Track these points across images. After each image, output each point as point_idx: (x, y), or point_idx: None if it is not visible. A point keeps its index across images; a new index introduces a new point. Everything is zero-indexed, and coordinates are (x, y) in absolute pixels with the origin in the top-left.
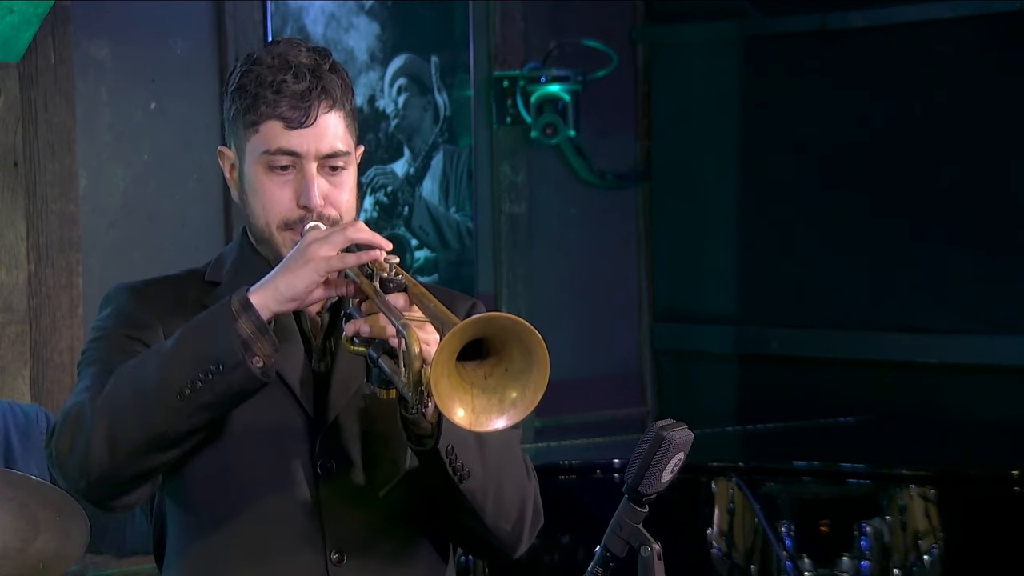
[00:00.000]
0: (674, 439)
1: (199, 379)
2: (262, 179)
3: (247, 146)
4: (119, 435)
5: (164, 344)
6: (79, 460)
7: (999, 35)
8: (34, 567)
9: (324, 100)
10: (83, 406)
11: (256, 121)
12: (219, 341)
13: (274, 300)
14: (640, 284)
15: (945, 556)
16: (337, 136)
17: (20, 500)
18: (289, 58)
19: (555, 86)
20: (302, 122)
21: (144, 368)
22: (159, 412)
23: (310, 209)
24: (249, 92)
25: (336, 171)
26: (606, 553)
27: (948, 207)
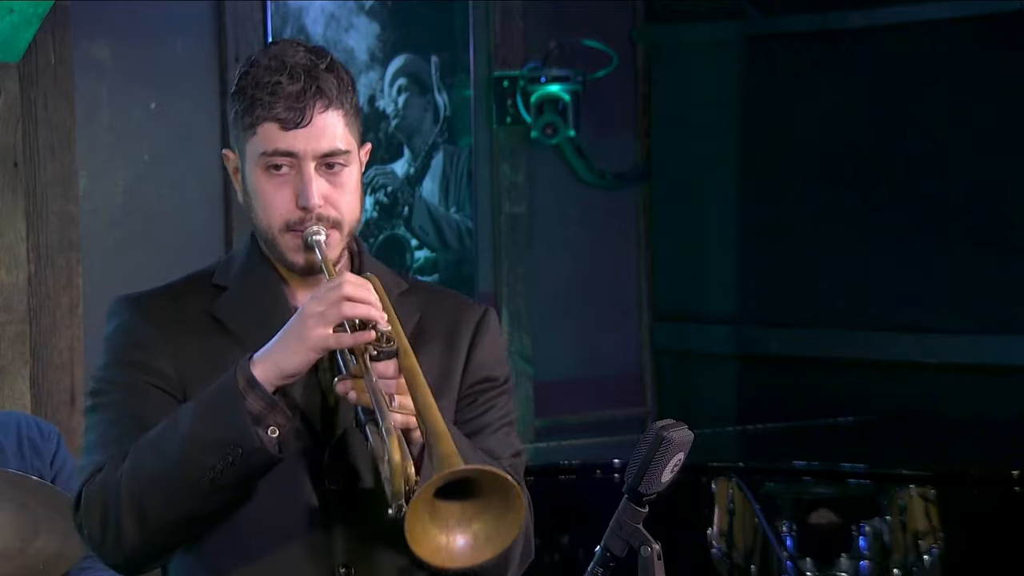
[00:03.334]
0: (674, 439)
1: (219, 464)
2: (262, 181)
3: (247, 148)
4: (149, 519)
5: (181, 423)
6: (112, 543)
7: (999, 35)
8: (34, 567)
9: (320, 100)
10: (106, 487)
11: (253, 123)
12: (233, 426)
13: (275, 376)
14: (640, 284)
15: (945, 556)
16: (335, 135)
17: (20, 500)
18: (285, 59)
19: (555, 86)
20: (297, 122)
21: (163, 451)
22: (185, 497)
23: (309, 210)
24: (246, 94)
25: (335, 170)
26: (606, 553)
27: (948, 207)
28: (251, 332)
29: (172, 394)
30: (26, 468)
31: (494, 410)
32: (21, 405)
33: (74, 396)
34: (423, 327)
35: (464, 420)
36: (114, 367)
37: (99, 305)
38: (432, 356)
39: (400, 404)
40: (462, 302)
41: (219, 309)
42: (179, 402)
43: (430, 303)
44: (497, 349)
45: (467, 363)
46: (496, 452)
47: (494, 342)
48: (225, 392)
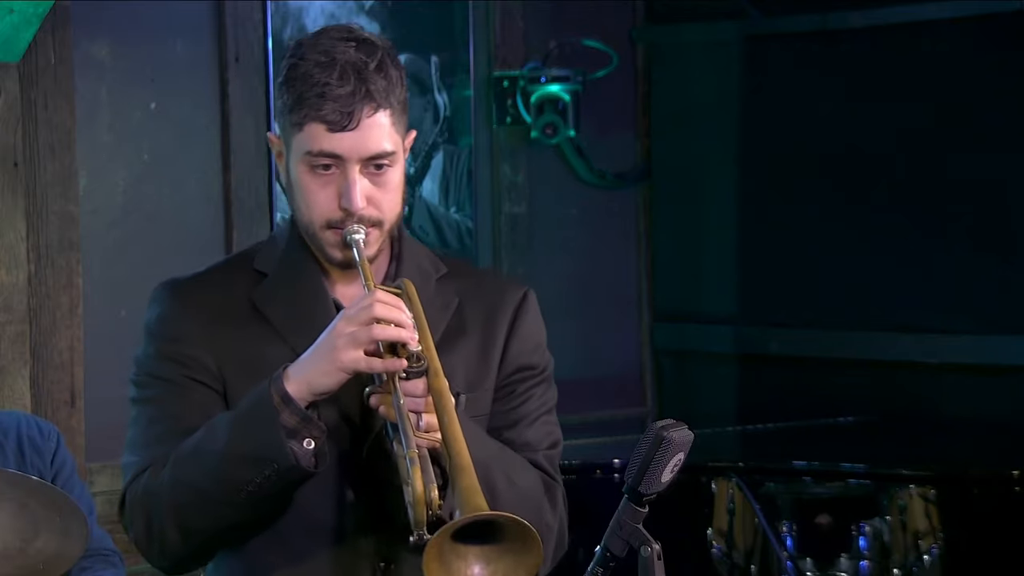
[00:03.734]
0: (674, 439)
1: (256, 479)
2: (305, 178)
3: (292, 142)
4: (191, 527)
5: (218, 435)
6: (157, 549)
7: (999, 35)
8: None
9: (368, 103)
10: (148, 494)
11: (300, 121)
12: (268, 442)
13: (308, 393)
14: (640, 284)
15: (945, 556)
16: (381, 137)
17: (20, 500)
18: (336, 54)
19: (555, 86)
20: (344, 125)
21: (202, 463)
22: (225, 509)
23: (351, 212)
24: (295, 89)
25: (380, 170)
26: (606, 553)
27: (948, 207)
28: (290, 323)
29: (212, 387)
30: (26, 468)
31: (533, 399)
32: (21, 405)
33: (74, 396)
34: (462, 313)
35: (502, 411)
36: (155, 359)
37: (99, 305)
38: (470, 344)
39: (427, 423)
40: (502, 284)
41: (260, 297)
42: (218, 394)
43: (469, 287)
44: (536, 334)
45: (504, 352)
46: (533, 444)
47: (533, 327)
48: (260, 407)
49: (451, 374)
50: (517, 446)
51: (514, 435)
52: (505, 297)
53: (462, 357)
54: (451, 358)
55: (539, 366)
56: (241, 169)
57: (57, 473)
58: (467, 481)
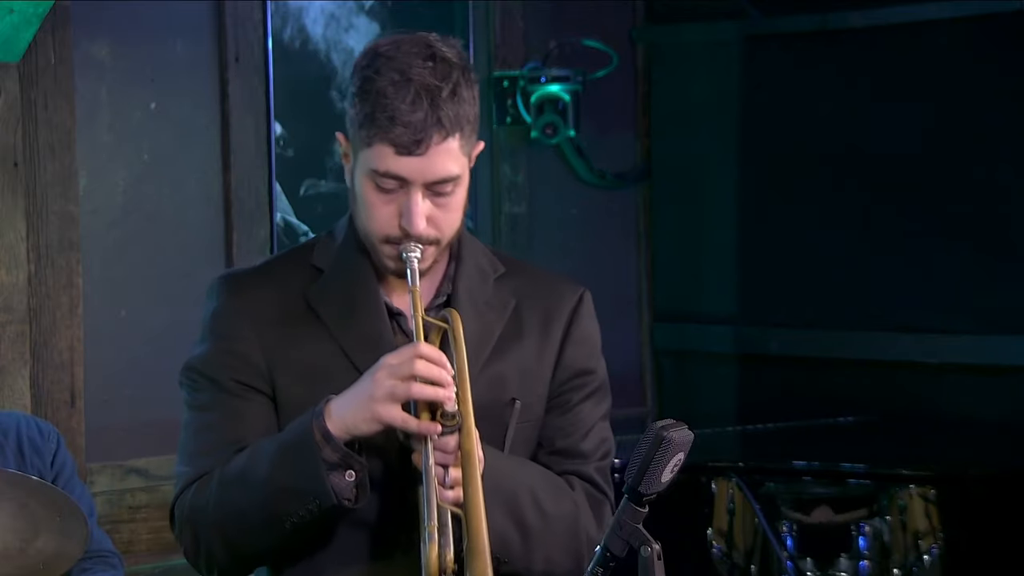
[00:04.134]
0: (674, 439)
1: (299, 511)
2: (369, 192)
3: (360, 154)
4: (237, 547)
5: (262, 464)
6: (204, 564)
7: (999, 35)
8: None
9: (438, 131)
10: (195, 511)
11: (369, 139)
12: (310, 478)
13: (346, 434)
14: (640, 284)
15: (945, 556)
16: (448, 162)
17: (20, 500)
18: (411, 75)
19: (555, 86)
20: (412, 151)
21: (247, 490)
22: (269, 535)
23: (410, 235)
24: (367, 105)
25: (444, 194)
26: (606, 553)
27: (948, 207)
28: (341, 323)
29: (262, 390)
30: (26, 468)
31: (587, 408)
32: (21, 405)
33: (74, 396)
34: (519, 314)
35: (556, 420)
36: (208, 360)
37: (99, 305)
38: (526, 348)
39: (454, 479)
40: (559, 285)
41: (314, 295)
42: (268, 397)
43: (526, 287)
44: (591, 338)
45: (559, 357)
46: (587, 454)
47: (588, 331)
48: (303, 442)
49: (505, 379)
50: (570, 456)
51: (567, 445)
52: (562, 299)
53: (517, 361)
54: (506, 362)
55: (594, 371)
56: (241, 169)
57: (58, 474)
58: (480, 567)
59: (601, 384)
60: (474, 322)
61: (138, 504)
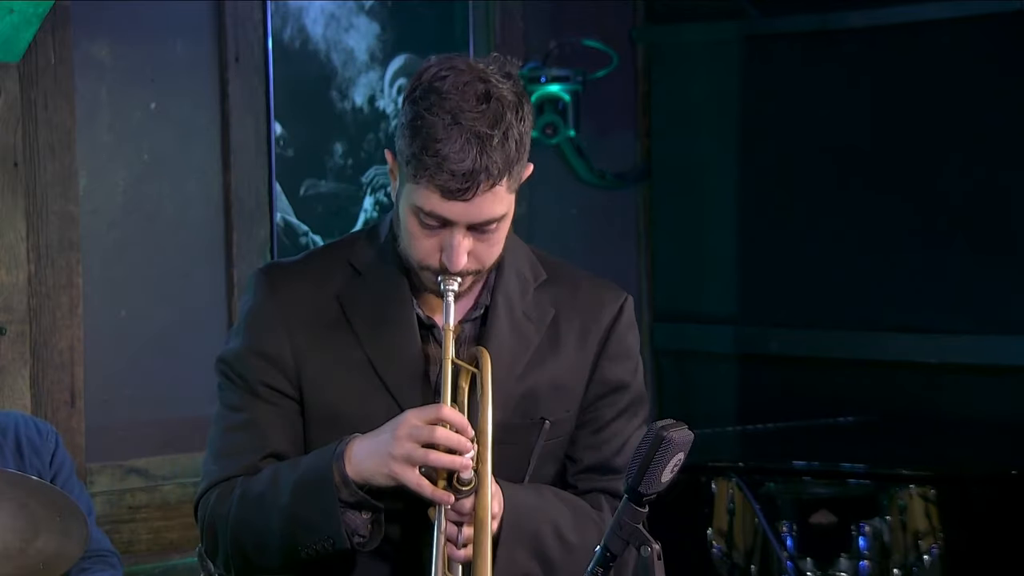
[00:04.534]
0: (674, 439)
1: (314, 546)
2: (412, 223)
3: (406, 184)
4: (254, 564)
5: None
6: (224, 565)
7: (999, 35)
8: (34, 567)
9: (486, 180)
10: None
11: (416, 177)
12: (327, 517)
13: (363, 481)
14: (640, 284)
15: (945, 556)
16: (494, 205)
17: (20, 500)
18: (462, 119)
19: (555, 86)
20: (459, 197)
21: (265, 515)
22: (284, 559)
23: (449, 271)
24: (416, 142)
25: (487, 231)
26: (606, 553)
27: (948, 207)
28: (371, 330)
29: (288, 395)
30: (25, 468)
31: (621, 423)
32: (21, 405)
33: (74, 396)
34: (557, 326)
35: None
36: (241, 355)
37: (99, 305)
38: (561, 362)
39: (465, 538)
40: (600, 293)
41: (346, 298)
42: (295, 401)
43: (566, 296)
44: (628, 351)
45: (593, 373)
46: (620, 468)
47: (626, 344)
48: (322, 482)
49: (537, 395)
50: (601, 473)
51: (599, 461)
52: (602, 310)
53: (551, 376)
54: (540, 377)
55: (628, 385)
56: (241, 169)
57: (56, 474)
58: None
59: (635, 397)
60: (510, 335)
61: (138, 504)
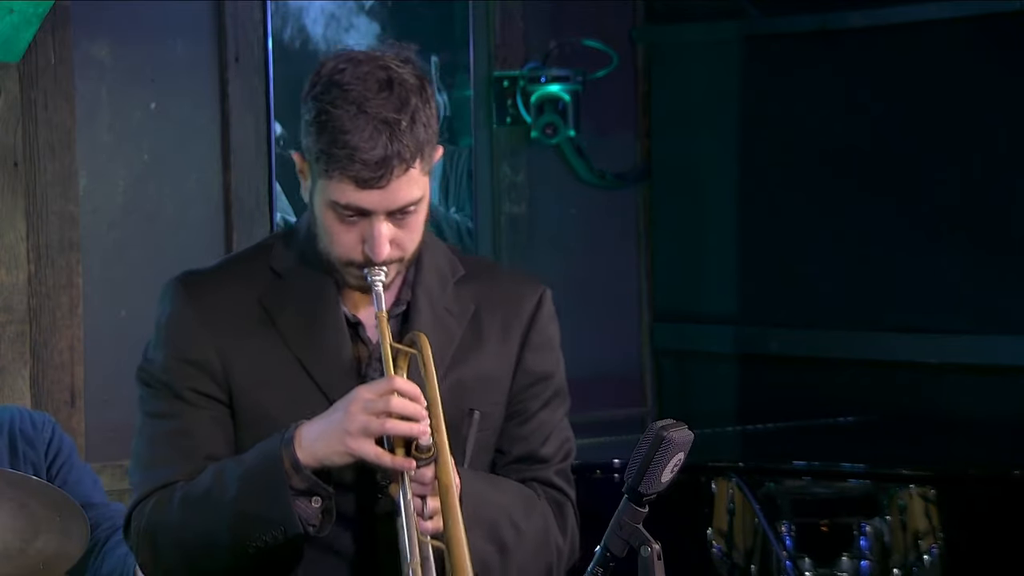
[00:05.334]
0: (674, 439)
1: (264, 538)
2: (329, 219)
3: (319, 181)
4: (198, 568)
5: (228, 488)
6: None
7: (999, 35)
8: (34, 567)
9: (399, 165)
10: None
11: (328, 172)
12: (278, 506)
13: (316, 464)
14: (640, 284)
15: (945, 556)
16: (410, 189)
17: (20, 500)
18: (367, 107)
19: (555, 86)
20: (374, 185)
21: (212, 513)
22: (232, 559)
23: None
24: (324, 138)
25: (406, 216)
26: (606, 553)
27: (948, 207)
28: (298, 332)
29: (218, 399)
30: (19, 462)
31: (546, 412)
32: (21, 405)
33: (74, 396)
34: (478, 322)
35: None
36: (163, 365)
37: (99, 305)
38: (485, 355)
39: (432, 508)
40: (519, 286)
41: (270, 301)
42: (224, 406)
43: (486, 291)
44: (550, 340)
45: (518, 363)
46: (548, 458)
47: (547, 333)
48: (271, 470)
49: (464, 387)
50: (531, 463)
51: (528, 452)
52: (522, 302)
53: (476, 368)
54: (466, 370)
55: (552, 375)
56: (241, 169)
57: (53, 460)
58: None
59: (560, 387)
60: (434, 329)
61: None
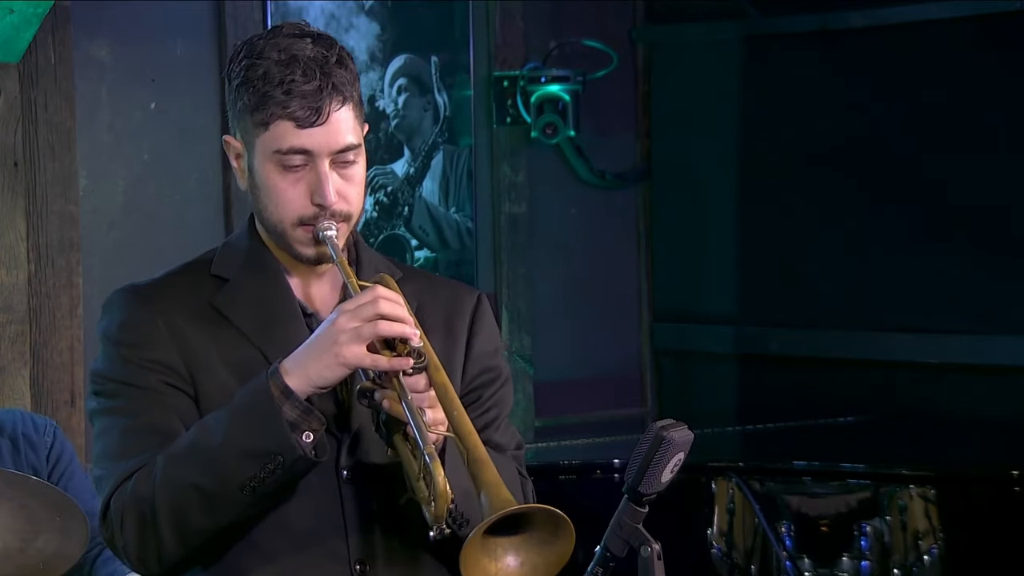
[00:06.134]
0: (674, 439)
1: (260, 474)
2: (275, 178)
3: (256, 143)
4: (189, 529)
5: (215, 432)
6: (154, 554)
7: (999, 35)
8: (34, 567)
9: (335, 97)
10: (139, 500)
11: (266, 120)
12: (272, 435)
13: (308, 387)
14: (640, 284)
15: (945, 556)
16: (348, 131)
17: (20, 500)
18: (295, 52)
19: (555, 86)
20: (313, 121)
21: (200, 461)
22: (226, 507)
23: (325, 207)
24: (257, 89)
25: (348, 165)
26: (606, 553)
27: (948, 207)
28: (257, 327)
29: (184, 391)
30: (21, 464)
31: (498, 403)
32: (21, 405)
33: (74, 396)
34: (421, 317)
35: (472, 417)
36: (120, 366)
37: (99, 305)
38: (435, 346)
39: (432, 418)
40: (456, 289)
41: (221, 302)
42: (191, 398)
43: (426, 291)
44: (494, 338)
45: (467, 353)
46: (503, 446)
47: (491, 329)
48: (260, 402)
49: None
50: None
51: (484, 439)
52: (462, 300)
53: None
54: None
55: (500, 368)
56: None
57: (55, 465)
58: (489, 475)
59: (507, 379)
60: None
61: None
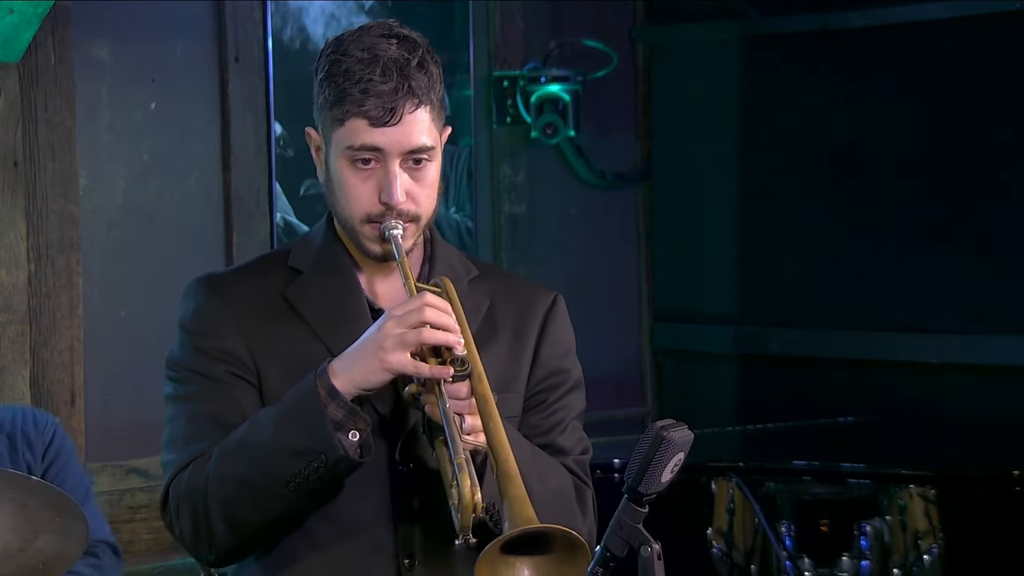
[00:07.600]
0: (674, 439)
1: (304, 472)
2: (346, 173)
3: (332, 137)
4: (239, 522)
5: (264, 429)
6: (206, 542)
7: (999, 35)
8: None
9: (410, 99)
10: (193, 491)
11: (342, 117)
12: (317, 435)
13: (353, 388)
14: (640, 284)
15: (945, 556)
16: (421, 132)
17: (20, 500)
18: (378, 52)
19: (555, 86)
20: (386, 121)
21: (249, 457)
22: (272, 502)
23: (391, 206)
24: (337, 85)
25: (419, 164)
26: (606, 553)
27: (948, 207)
28: (324, 321)
29: (249, 381)
30: (17, 461)
31: (565, 407)
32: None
33: (74, 396)
34: (493, 316)
35: (536, 420)
36: (191, 355)
37: (99, 305)
38: (501, 346)
39: (470, 425)
40: (533, 288)
41: (294, 294)
42: (255, 388)
43: (500, 290)
44: (566, 340)
45: (536, 356)
46: (567, 449)
47: (563, 332)
48: (307, 401)
49: None
50: (551, 451)
51: (547, 441)
52: (536, 301)
53: (493, 358)
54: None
55: (570, 371)
56: (241, 169)
57: (50, 464)
58: (516, 491)
59: (577, 383)
60: None
61: (138, 504)
